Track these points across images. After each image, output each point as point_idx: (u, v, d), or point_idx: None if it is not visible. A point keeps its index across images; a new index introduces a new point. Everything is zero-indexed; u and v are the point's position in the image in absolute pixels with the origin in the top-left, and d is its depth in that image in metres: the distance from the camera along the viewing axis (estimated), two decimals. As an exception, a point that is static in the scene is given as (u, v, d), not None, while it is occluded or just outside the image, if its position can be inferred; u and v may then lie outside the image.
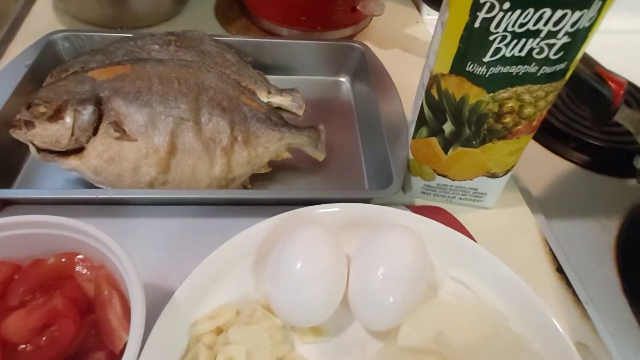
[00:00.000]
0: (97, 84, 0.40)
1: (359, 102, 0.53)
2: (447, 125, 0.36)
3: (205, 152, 0.40)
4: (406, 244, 0.31)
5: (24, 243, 0.27)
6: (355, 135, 0.50)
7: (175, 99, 0.41)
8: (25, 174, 0.43)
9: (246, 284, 0.32)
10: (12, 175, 0.42)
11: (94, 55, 0.48)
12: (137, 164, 0.39)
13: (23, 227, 0.27)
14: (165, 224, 0.39)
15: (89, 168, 0.38)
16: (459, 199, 0.43)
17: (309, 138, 0.44)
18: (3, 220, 0.26)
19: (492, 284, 0.32)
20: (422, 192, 0.43)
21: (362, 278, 0.31)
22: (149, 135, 0.39)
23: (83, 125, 0.39)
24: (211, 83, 0.44)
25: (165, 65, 0.43)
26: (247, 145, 0.42)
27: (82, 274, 0.28)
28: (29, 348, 0.25)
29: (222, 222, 0.39)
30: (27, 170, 0.43)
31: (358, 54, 0.54)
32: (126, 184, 0.39)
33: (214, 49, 0.50)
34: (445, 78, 0.33)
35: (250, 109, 0.44)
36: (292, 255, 0.30)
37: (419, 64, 0.63)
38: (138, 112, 0.40)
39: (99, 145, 0.38)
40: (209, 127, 0.41)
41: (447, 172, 0.40)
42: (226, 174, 0.41)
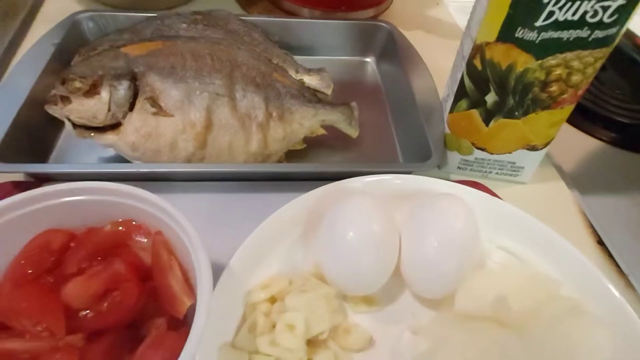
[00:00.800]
0: (131, 59, 0.40)
1: (386, 81, 0.53)
2: (489, 96, 0.36)
3: (242, 127, 0.40)
4: (457, 212, 0.31)
5: (78, 211, 0.27)
6: (385, 114, 0.50)
7: (210, 74, 0.40)
8: (57, 153, 0.42)
9: (295, 255, 0.32)
10: (46, 154, 0.41)
11: (122, 34, 0.47)
12: (174, 139, 0.38)
13: (78, 194, 0.26)
14: (204, 199, 0.39)
15: (127, 144, 0.38)
16: (496, 173, 0.42)
17: (343, 114, 0.44)
18: (58, 187, 0.26)
19: (540, 251, 0.32)
20: (458, 167, 0.43)
21: (415, 246, 0.30)
22: (185, 111, 0.39)
23: (119, 100, 0.38)
24: (243, 60, 0.43)
25: (196, 41, 0.43)
26: (282, 122, 0.42)
27: (136, 242, 0.27)
28: (90, 314, 0.25)
29: (260, 197, 0.39)
30: (60, 149, 0.42)
31: (385, 34, 0.54)
32: (163, 160, 0.39)
33: (241, 28, 0.50)
34: (490, 47, 0.33)
35: (284, 85, 0.43)
36: (345, 224, 0.30)
37: (442, 45, 0.64)
38: (173, 87, 0.39)
39: (136, 121, 0.38)
40: (244, 103, 0.41)
41: (486, 145, 0.40)
42: (262, 149, 0.41)
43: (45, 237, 0.26)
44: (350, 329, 0.29)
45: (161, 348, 0.23)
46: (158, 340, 0.24)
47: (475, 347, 0.27)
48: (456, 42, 0.64)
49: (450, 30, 0.64)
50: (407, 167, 0.39)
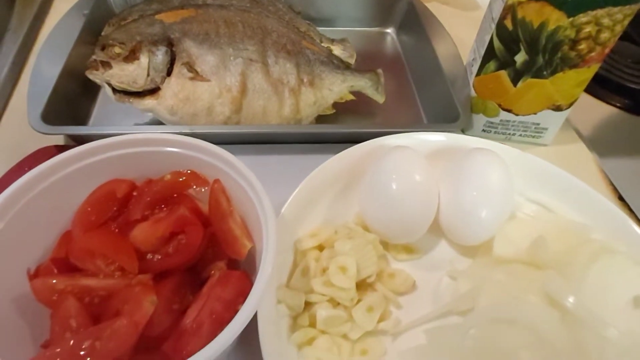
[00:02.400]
0: (167, 26, 0.41)
1: (407, 51, 0.54)
2: (519, 55, 0.37)
3: (275, 92, 0.41)
4: (491, 164, 0.32)
5: (139, 161, 0.28)
6: (408, 82, 0.51)
7: (242, 41, 0.41)
8: (94, 119, 0.43)
9: (338, 206, 0.33)
10: (83, 120, 0.43)
11: (150, 4, 0.48)
12: (211, 103, 0.39)
13: (138, 146, 0.27)
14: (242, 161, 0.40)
15: (165, 108, 0.39)
16: (519, 135, 0.44)
17: (370, 80, 0.45)
18: (119, 138, 0.27)
19: (570, 201, 0.34)
20: (483, 129, 0.44)
21: (453, 196, 0.32)
22: (220, 76, 0.40)
23: (157, 65, 0.39)
24: (273, 27, 0.44)
25: (227, 9, 0.44)
26: (312, 87, 0.43)
27: (194, 191, 0.28)
28: (158, 256, 0.26)
29: (295, 158, 0.40)
30: (96, 116, 0.43)
31: (405, 4, 0.55)
32: (201, 124, 0.40)
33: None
34: (522, 6, 0.34)
35: (313, 52, 0.44)
36: (388, 175, 0.31)
37: (457, 15, 0.65)
38: (209, 53, 0.40)
39: (174, 85, 0.39)
40: (276, 68, 0.42)
41: (512, 106, 0.41)
42: (295, 114, 0.42)
43: (109, 186, 0.27)
44: (394, 273, 0.31)
45: (228, 284, 0.25)
46: (224, 279, 0.25)
47: (515, 286, 0.29)
48: (471, 14, 0.65)
49: (465, 1, 0.65)
50: (436, 128, 0.40)
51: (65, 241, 0.26)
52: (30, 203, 0.25)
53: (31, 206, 0.25)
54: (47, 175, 0.26)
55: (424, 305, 0.30)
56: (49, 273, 0.25)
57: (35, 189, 0.25)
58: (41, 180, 0.25)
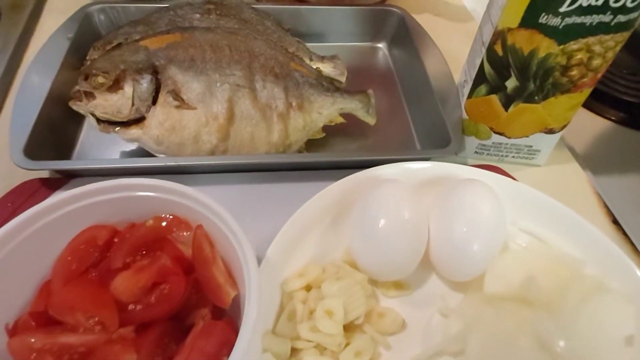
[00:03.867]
0: (151, 52, 0.40)
1: (399, 67, 0.53)
2: (510, 81, 0.36)
3: (263, 118, 0.40)
4: (482, 196, 0.32)
5: (120, 207, 0.27)
6: (400, 101, 0.51)
7: (229, 66, 0.41)
8: (81, 148, 0.42)
9: (326, 243, 0.33)
10: (69, 149, 0.42)
11: (135, 26, 0.47)
12: (197, 132, 0.39)
13: (119, 191, 0.27)
14: (228, 191, 0.39)
15: (151, 137, 0.38)
16: (512, 157, 0.43)
17: (361, 102, 0.44)
18: (99, 185, 0.27)
19: (562, 232, 0.33)
20: (476, 151, 0.43)
21: (443, 230, 0.31)
22: (207, 103, 0.39)
23: (142, 94, 0.38)
24: (261, 50, 0.43)
25: (213, 32, 0.43)
26: (302, 111, 0.42)
27: (177, 236, 0.28)
28: (139, 307, 0.25)
29: (283, 187, 0.40)
30: (83, 144, 0.43)
31: (396, 19, 0.54)
32: (187, 153, 0.39)
33: (254, 17, 0.50)
34: (513, 32, 0.33)
35: (301, 74, 0.44)
36: (376, 212, 0.30)
37: (450, 28, 0.64)
38: (194, 80, 0.39)
39: (160, 115, 0.38)
40: (264, 93, 0.41)
41: (504, 129, 0.40)
42: (283, 139, 0.41)
43: (90, 233, 0.27)
44: (384, 313, 0.30)
45: (211, 336, 0.24)
46: (207, 329, 0.25)
47: (506, 326, 0.28)
48: (464, 25, 0.64)
49: (458, 12, 0.64)
50: (427, 154, 0.40)
51: (45, 293, 0.25)
52: (8, 255, 0.24)
53: (10, 258, 0.25)
54: (26, 226, 0.25)
55: (413, 345, 0.29)
56: (28, 328, 0.24)
57: (14, 241, 0.25)
58: (20, 231, 0.25)
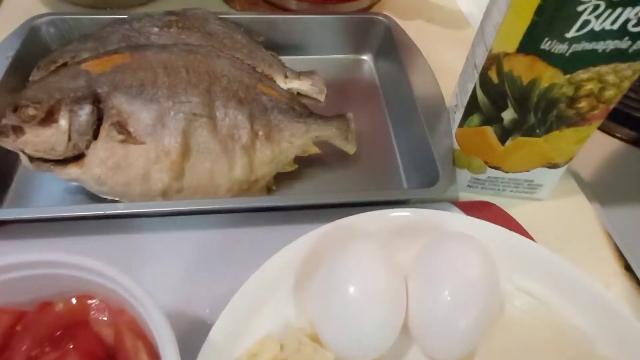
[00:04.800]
0: (93, 78, 0.35)
1: (385, 83, 0.48)
2: (507, 112, 0.31)
3: (224, 152, 0.35)
4: (473, 257, 0.27)
5: (27, 286, 0.22)
6: (384, 121, 0.45)
7: (185, 91, 0.35)
8: (18, 182, 0.37)
9: (287, 311, 0.28)
10: (4, 185, 0.37)
11: (85, 42, 0.42)
12: (146, 170, 0.34)
13: (25, 269, 0.22)
14: (185, 237, 0.34)
15: (92, 178, 0.33)
16: (510, 191, 0.38)
17: (338, 129, 0.39)
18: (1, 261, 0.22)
19: (569, 296, 0.28)
20: (468, 185, 0.38)
21: (425, 300, 0.26)
22: (157, 136, 0.34)
23: (81, 128, 0.33)
24: (224, 70, 0.38)
25: (169, 51, 0.38)
26: (269, 141, 0.37)
27: (97, 319, 0.23)
28: (43, 417, 0.21)
29: (247, 231, 0.35)
30: (21, 178, 0.37)
31: (382, 29, 0.49)
32: (136, 194, 0.34)
33: (221, 30, 0.44)
34: (510, 58, 0.28)
35: (270, 98, 0.38)
36: (343, 278, 0.25)
37: (446, 36, 0.58)
38: (143, 109, 0.34)
39: (102, 151, 0.33)
40: (226, 122, 0.36)
41: (501, 164, 0.35)
42: (248, 175, 0.36)
43: (-15, 320, 0.22)
44: (353, 400, 0.25)
45: None
46: None
47: None
48: (460, 32, 0.59)
49: (453, 17, 0.58)
50: (411, 195, 0.35)
51: None
52: None
53: None
54: None
55: None
56: None
57: None
58: None
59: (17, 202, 0.36)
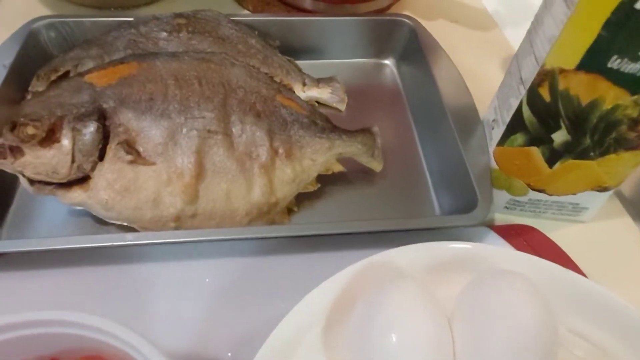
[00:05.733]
0: (98, 91, 0.31)
1: (410, 90, 0.45)
2: (559, 134, 0.28)
3: (241, 171, 0.32)
4: (526, 298, 0.24)
5: (30, 345, 0.19)
6: (410, 132, 0.42)
7: (198, 105, 0.32)
8: (18, 204, 0.34)
9: (317, 359, 0.25)
10: (3, 205, 0.34)
11: (88, 48, 0.39)
12: (157, 193, 0.31)
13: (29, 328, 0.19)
14: (200, 266, 0.31)
15: (98, 202, 0.30)
16: (552, 214, 0.35)
17: (364, 145, 0.36)
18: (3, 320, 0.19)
19: (632, 340, 0.25)
20: (506, 207, 0.35)
21: (474, 348, 0.23)
22: (169, 156, 0.31)
23: (85, 148, 0.30)
24: (239, 81, 0.35)
25: (180, 60, 0.34)
26: (290, 159, 0.34)
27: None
28: None
29: (268, 260, 0.32)
30: (21, 199, 0.34)
31: (406, 31, 0.45)
32: (146, 219, 0.31)
33: (234, 34, 0.41)
34: (567, 75, 0.25)
35: (290, 111, 0.35)
36: (383, 325, 0.23)
37: (471, 37, 0.55)
38: (153, 126, 0.31)
39: (108, 173, 0.30)
40: (243, 139, 0.33)
41: (546, 187, 0.32)
42: (268, 197, 0.33)
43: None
44: None
45: None
46: None
47: None
48: (486, 34, 0.55)
49: (478, 17, 0.55)
50: (448, 222, 0.32)
51: None
52: None
53: None
54: None
55: None
56: None
57: None
58: None
59: (17, 224, 0.33)
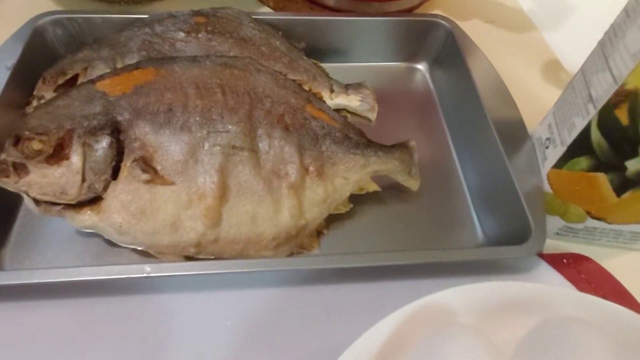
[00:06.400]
0: (112, 101, 0.28)
1: (445, 98, 0.41)
2: (634, 161, 0.25)
3: (268, 192, 0.29)
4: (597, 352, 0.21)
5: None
6: (446, 145, 0.39)
7: (222, 117, 0.29)
8: (22, 222, 0.31)
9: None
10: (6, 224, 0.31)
11: (99, 48, 0.35)
12: (177, 217, 0.28)
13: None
14: (222, 298, 0.28)
15: (111, 226, 0.27)
16: (607, 241, 0.32)
17: (401, 162, 0.33)
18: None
19: None
20: (557, 233, 0.32)
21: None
22: (190, 175, 0.28)
23: (97, 165, 0.27)
24: (266, 89, 0.32)
25: (201, 66, 0.31)
26: (321, 178, 0.31)
27: None
28: None
29: (298, 291, 0.29)
30: (25, 216, 0.31)
31: (442, 33, 0.42)
32: (164, 244, 0.28)
33: (257, 35, 0.38)
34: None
35: (322, 124, 0.32)
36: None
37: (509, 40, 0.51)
38: (172, 141, 0.28)
39: (123, 194, 0.27)
40: (271, 155, 0.30)
41: (607, 216, 0.29)
42: (297, 219, 0.30)
43: None
44: None
45: None
46: None
47: None
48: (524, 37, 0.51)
49: (515, 18, 0.51)
50: (499, 254, 0.29)
51: None
52: None
53: None
54: None
55: None
56: None
57: None
58: None
59: (21, 245, 0.30)
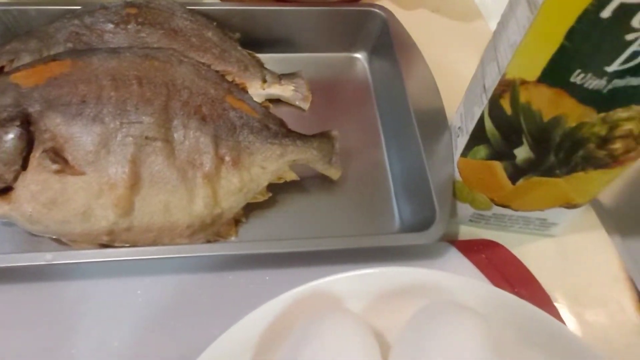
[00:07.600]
0: (23, 93, 0.29)
1: (379, 88, 0.42)
2: (521, 150, 0.25)
3: (182, 181, 0.30)
4: (469, 338, 0.22)
5: None
6: (376, 134, 0.39)
7: (136, 108, 0.30)
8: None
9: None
10: None
11: (27, 40, 0.36)
12: (88, 206, 0.28)
13: None
14: (134, 284, 0.29)
15: (22, 215, 0.28)
16: (518, 228, 0.33)
17: (320, 151, 0.33)
18: None
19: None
20: (470, 220, 0.33)
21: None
22: (101, 165, 0.29)
23: (7, 156, 0.28)
24: (185, 81, 0.32)
25: (120, 58, 0.32)
26: (237, 167, 0.31)
27: None
28: None
29: (210, 278, 0.30)
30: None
31: (378, 23, 0.42)
32: (76, 233, 0.29)
33: (189, 25, 0.38)
34: (528, 87, 0.22)
35: (240, 114, 0.33)
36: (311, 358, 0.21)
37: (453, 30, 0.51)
38: (84, 132, 0.29)
39: (32, 184, 0.28)
40: (185, 146, 0.30)
41: (510, 203, 0.30)
42: (211, 208, 0.31)
43: None
44: None
45: None
46: None
47: None
48: (470, 25, 0.51)
49: (462, 8, 0.51)
50: (399, 241, 0.29)
51: None
52: None
53: None
54: None
55: None
56: None
57: None
58: None
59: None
